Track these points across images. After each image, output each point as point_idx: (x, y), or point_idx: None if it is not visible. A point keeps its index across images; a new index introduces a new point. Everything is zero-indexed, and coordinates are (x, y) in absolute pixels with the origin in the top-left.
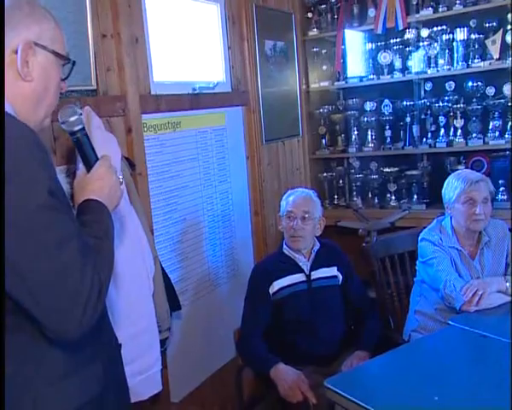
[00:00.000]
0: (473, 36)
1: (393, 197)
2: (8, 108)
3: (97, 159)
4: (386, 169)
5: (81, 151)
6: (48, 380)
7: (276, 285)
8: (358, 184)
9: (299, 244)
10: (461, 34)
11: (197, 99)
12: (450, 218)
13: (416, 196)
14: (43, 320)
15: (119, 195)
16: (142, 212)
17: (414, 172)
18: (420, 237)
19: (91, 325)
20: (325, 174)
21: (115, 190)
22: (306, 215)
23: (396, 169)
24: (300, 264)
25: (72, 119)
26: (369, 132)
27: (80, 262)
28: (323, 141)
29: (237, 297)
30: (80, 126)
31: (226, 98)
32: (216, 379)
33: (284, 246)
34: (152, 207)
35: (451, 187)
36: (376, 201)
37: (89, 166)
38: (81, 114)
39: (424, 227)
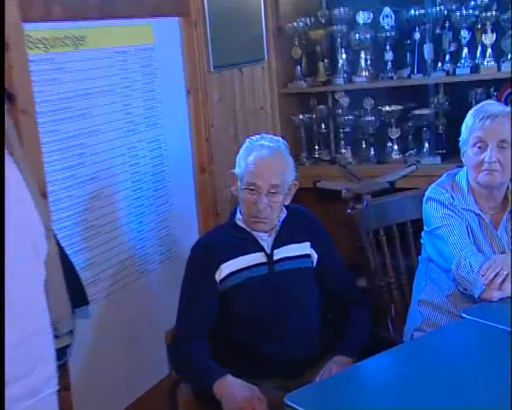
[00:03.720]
0: None
1: (396, 147)
2: None
3: None
4: (387, 108)
5: None
6: None
7: (226, 269)
8: (347, 129)
9: (263, 227)
10: None
11: (110, 3)
12: (467, 170)
13: (427, 146)
14: None
15: None
16: (29, 168)
17: (425, 112)
18: (425, 197)
19: None
20: (301, 116)
21: None
22: (275, 189)
23: (400, 108)
24: (259, 239)
25: None
26: (363, 56)
27: None
28: (298, 69)
29: (174, 288)
30: None
31: (154, 3)
32: (144, 403)
33: (238, 215)
34: (44, 160)
35: (465, 125)
36: (372, 153)
37: None
38: None
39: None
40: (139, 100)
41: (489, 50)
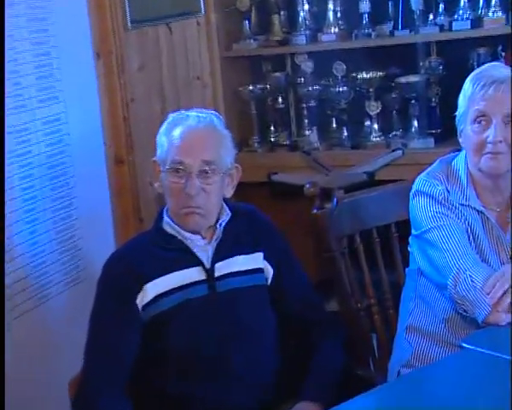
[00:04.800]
0: None
1: (375, 127)
2: None
3: None
4: (363, 75)
5: None
6: None
7: (151, 290)
8: (312, 104)
9: (199, 222)
10: None
11: None
12: (466, 155)
13: (416, 124)
14: None
15: None
16: None
17: (413, 79)
18: (412, 191)
19: None
20: (251, 87)
21: None
22: (209, 167)
23: (380, 74)
24: (195, 250)
25: None
26: (331, 7)
27: None
28: (246, 24)
29: (82, 320)
30: None
31: None
32: None
33: (165, 219)
34: None
35: (463, 95)
36: (345, 135)
37: None
38: None
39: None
40: (29, 66)
41: None
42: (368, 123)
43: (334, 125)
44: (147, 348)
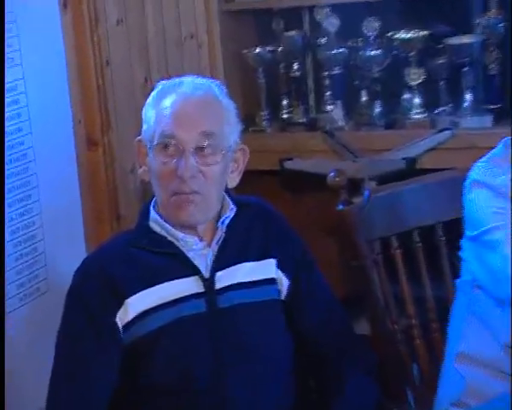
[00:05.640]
0: None
1: (417, 101)
2: None
3: None
4: (402, 35)
5: None
6: None
7: (134, 306)
8: (336, 71)
9: (194, 213)
10: None
11: None
12: None
13: (469, 98)
14: None
15: None
16: None
17: (466, 40)
18: (467, 182)
19: None
20: (259, 50)
21: None
22: (208, 142)
23: (424, 34)
24: (191, 254)
25: None
26: None
27: None
28: None
29: (45, 344)
30: None
31: None
32: None
33: (153, 214)
34: None
35: None
36: (378, 110)
37: None
38: None
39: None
40: None
41: None
42: (407, 96)
43: (364, 99)
44: (127, 379)
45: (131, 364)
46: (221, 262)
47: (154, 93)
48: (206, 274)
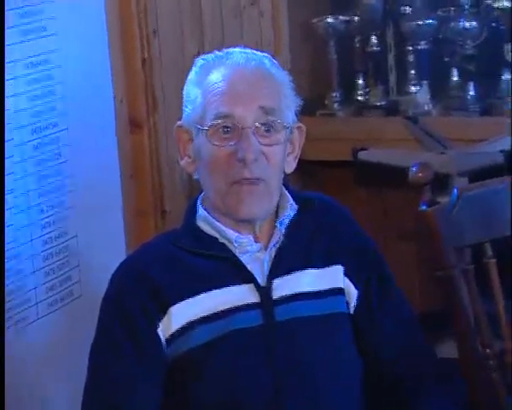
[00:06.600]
0: None
1: None
2: None
3: None
4: (501, 3)
5: None
6: None
7: (179, 316)
8: (422, 45)
9: (256, 205)
10: None
11: None
12: None
13: None
14: None
15: None
16: None
17: None
18: None
19: None
20: (331, 19)
21: None
22: (268, 120)
23: None
24: (244, 258)
25: None
26: None
27: None
28: None
29: (79, 355)
30: None
31: None
32: None
33: (202, 212)
34: None
35: None
36: (472, 93)
37: None
38: None
39: None
40: None
41: None
42: (507, 76)
43: (455, 79)
44: (172, 398)
45: (176, 382)
46: (279, 268)
47: (195, 69)
48: (262, 282)
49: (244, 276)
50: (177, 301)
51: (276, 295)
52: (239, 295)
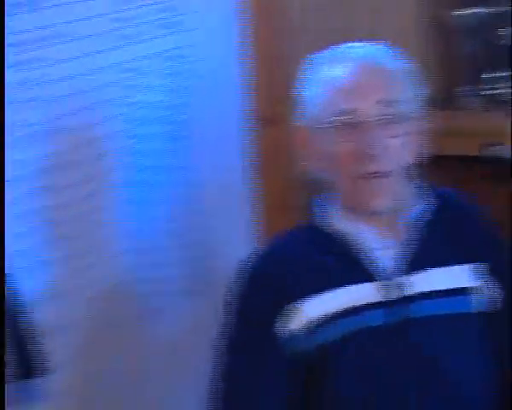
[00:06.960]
0: None
1: None
2: None
3: None
4: None
5: None
6: None
7: (311, 311)
8: None
9: (385, 199)
10: None
11: None
12: None
13: None
14: None
15: None
16: None
17: None
18: None
19: None
20: (462, 12)
21: None
22: (391, 112)
23: None
24: (371, 255)
25: None
26: None
27: None
28: None
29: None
30: None
31: None
32: None
33: (329, 209)
34: None
35: None
36: None
37: None
38: None
39: None
40: None
41: None
42: None
43: None
44: (305, 395)
45: (307, 378)
46: (409, 265)
47: (312, 66)
48: (393, 279)
49: (372, 272)
50: (308, 299)
51: (407, 292)
52: (370, 291)
